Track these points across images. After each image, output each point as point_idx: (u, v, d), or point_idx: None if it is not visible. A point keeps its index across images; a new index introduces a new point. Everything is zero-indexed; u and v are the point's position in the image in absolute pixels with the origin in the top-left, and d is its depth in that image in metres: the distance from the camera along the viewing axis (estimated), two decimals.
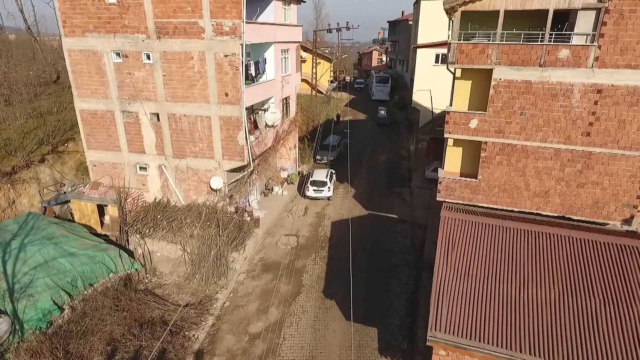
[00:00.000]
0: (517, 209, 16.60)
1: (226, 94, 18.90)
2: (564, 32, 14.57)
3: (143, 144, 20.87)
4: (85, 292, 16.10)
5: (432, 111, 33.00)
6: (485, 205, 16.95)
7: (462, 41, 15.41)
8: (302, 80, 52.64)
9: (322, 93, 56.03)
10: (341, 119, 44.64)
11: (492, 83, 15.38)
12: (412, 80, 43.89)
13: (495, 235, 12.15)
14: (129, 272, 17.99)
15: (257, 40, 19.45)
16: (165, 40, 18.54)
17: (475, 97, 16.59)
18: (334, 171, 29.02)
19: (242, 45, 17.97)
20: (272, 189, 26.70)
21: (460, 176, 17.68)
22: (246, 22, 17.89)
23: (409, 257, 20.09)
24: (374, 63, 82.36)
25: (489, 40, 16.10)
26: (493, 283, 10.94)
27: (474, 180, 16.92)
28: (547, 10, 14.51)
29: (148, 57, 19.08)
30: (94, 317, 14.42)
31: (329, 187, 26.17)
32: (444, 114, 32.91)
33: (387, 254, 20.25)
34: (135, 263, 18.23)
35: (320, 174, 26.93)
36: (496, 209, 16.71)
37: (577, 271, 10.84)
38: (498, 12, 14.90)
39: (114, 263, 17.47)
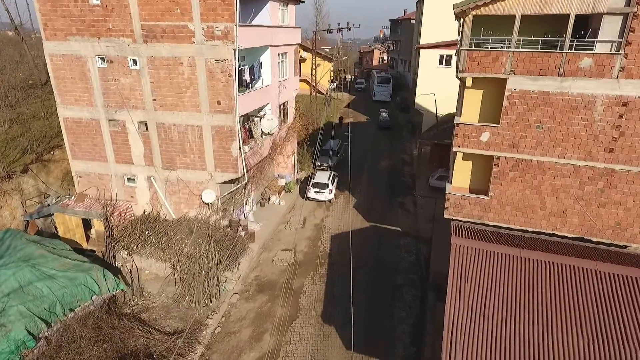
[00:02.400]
0: (531, 229, 15.39)
1: (218, 102, 17.64)
2: (586, 39, 13.28)
3: (131, 155, 19.63)
4: (65, 319, 14.91)
5: (436, 115, 31.71)
6: (497, 224, 15.74)
7: (473, 48, 14.13)
8: (302, 80, 51.48)
9: (322, 93, 54.72)
10: (343, 122, 43.30)
11: (506, 94, 14.13)
12: (414, 81, 42.58)
13: (512, 268, 10.91)
14: (113, 293, 16.78)
15: (251, 44, 18.16)
16: (152, 44, 17.25)
17: (486, 108, 15.33)
18: (336, 174, 27.89)
19: (235, 50, 16.69)
20: (269, 198, 25.47)
21: (470, 192, 16.46)
22: (240, 25, 16.61)
23: (413, 276, 18.87)
24: (375, 62, 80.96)
25: (502, 47, 14.82)
26: (512, 325, 9.72)
27: (484, 197, 15.70)
28: (567, 15, 13.23)
29: (134, 62, 17.80)
30: (70, 350, 13.21)
31: (330, 190, 25.28)
32: (448, 117, 31.83)
33: (390, 273, 19.03)
34: (120, 283, 16.99)
35: (322, 176, 26.07)
36: (509, 229, 15.48)
37: (607, 313, 9.61)
38: (513, 16, 13.63)
39: (97, 284, 16.24)
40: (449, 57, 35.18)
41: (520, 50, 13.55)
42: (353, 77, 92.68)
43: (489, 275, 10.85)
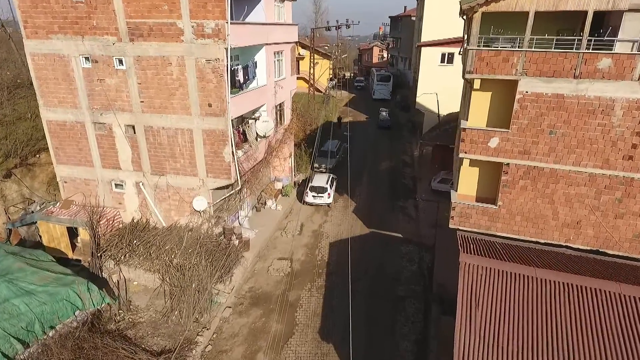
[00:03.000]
0: (542, 240, 14.43)
1: (209, 105, 16.61)
2: (605, 39, 12.27)
3: (118, 159, 18.61)
4: (44, 337, 13.94)
5: (438, 115, 30.68)
6: (505, 235, 14.78)
7: (482, 47, 13.11)
8: (300, 78, 50.36)
9: (321, 92, 53.63)
10: (342, 121, 42.26)
11: (517, 96, 13.12)
12: (415, 79, 41.55)
13: (528, 290, 9.95)
14: (98, 307, 15.82)
15: (244, 42, 17.12)
16: (139, 43, 16.20)
17: (495, 111, 14.33)
18: (335, 176, 26.89)
19: (226, 49, 15.65)
20: (265, 202, 24.49)
21: (477, 200, 15.48)
22: (232, 23, 15.56)
23: (416, 287, 17.93)
24: (375, 60, 79.78)
25: (512, 46, 13.82)
26: (529, 356, 8.78)
27: (492, 206, 14.73)
28: (583, 12, 12.21)
29: (120, 62, 16.76)
30: None
31: (329, 194, 24.30)
32: (450, 117, 30.80)
33: (392, 283, 18.08)
34: (106, 297, 16.01)
35: (320, 179, 25.05)
36: (518, 240, 14.54)
37: (635, 342, 8.66)
38: (525, 13, 12.60)
39: (80, 299, 15.27)
40: (451, 55, 34.13)
41: (533, 50, 12.53)
42: (352, 74, 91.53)
43: (503, 299, 9.89)
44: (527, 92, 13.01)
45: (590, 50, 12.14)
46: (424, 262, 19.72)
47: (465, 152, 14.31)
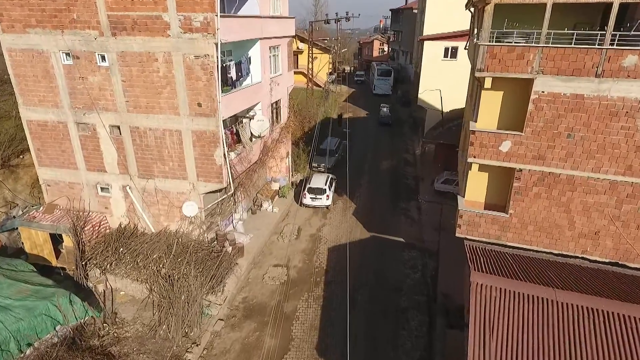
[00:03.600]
0: (556, 251, 13.41)
1: (199, 104, 15.49)
2: (631, 33, 11.13)
3: (103, 162, 17.52)
4: (21, 356, 12.97)
5: (441, 112, 29.51)
6: (516, 245, 13.76)
7: (494, 43, 11.96)
8: (299, 73, 49.05)
9: (320, 87, 52.36)
10: (342, 117, 41.06)
11: (532, 97, 12.02)
12: (416, 74, 40.31)
13: (547, 315, 8.94)
14: (81, 321, 14.84)
15: (236, 37, 15.95)
16: (122, 38, 15.03)
17: (507, 112, 13.23)
18: (334, 177, 25.81)
19: (216, 44, 14.50)
20: (261, 204, 23.44)
21: (485, 208, 14.43)
22: (222, 16, 14.40)
23: (419, 297, 16.93)
24: (376, 53, 78.29)
25: (526, 41, 12.68)
26: None
27: (503, 214, 13.67)
28: (605, 4, 11.07)
29: (103, 58, 15.61)
30: None
31: (327, 196, 23.23)
32: (454, 114, 29.65)
33: (394, 293, 17.09)
34: (89, 310, 15.03)
35: (318, 181, 23.93)
36: (531, 250, 13.53)
37: None
38: (541, 5, 11.45)
39: (61, 313, 14.28)
40: (454, 49, 32.89)
41: (551, 45, 11.40)
42: (352, 68, 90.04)
43: (519, 325, 8.87)
44: (543, 92, 11.90)
45: (615, 47, 11.01)
46: (428, 270, 18.72)
47: (475, 157, 13.23)
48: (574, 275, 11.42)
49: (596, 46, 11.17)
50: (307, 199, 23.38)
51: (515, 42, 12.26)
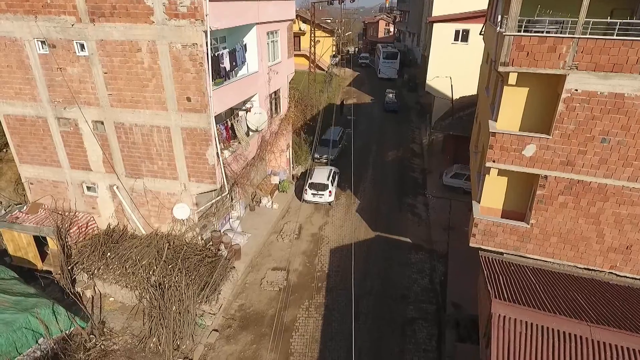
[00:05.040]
0: (581, 266, 12.15)
1: (188, 99, 14.07)
2: None
3: (87, 159, 16.26)
4: None
5: (452, 101, 27.82)
6: (537, 257, 12.50)
7: (522, 33, 10.39)
8: (301, 55, 47.04)
9: (323, 70, 50.40)
10: (345, 104, 39.37)
11: (564, 95, 10.52)
12: (424, 57, 38.29)
13: (582, 357, 7.72)
14: (66, 332, 13.88)
15: (228, 23, 14.37)
16: (101, 25, 13.51)
17: (531, 112, 11.75)
18: (337, 170, 24.48)
19: (205, 32, 12.97)
20: (260, 200, 22.23)
21: (503, 215, 13.12)
22: (211, 0, 12.80)
23: (427, 306, 15.84)
24: (381, 34, 75.48)
25: (557, 31, 11.09)
26: None
27: (523, 224, 12.36)
28: None
29: (82, 47, 14.13)
30: None
31: (330, 191, 21.94)
32: (465, 102, 27.96)
33: (400, 302, 16.00)
34: (73, 321, 14.02)
35: (320, 175, 22.58)
36: (553, 262, 12.31)
37: None
38: None
39: (43, 325, 13.29)
40: (466, 32, 30.86)
41: (588, 37, 9.83)
42: (356, 49, 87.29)
43: None
44: (576, 90, 10.40)
45: None
46: (436, 274, 17.57)
47: (494, 161, 11.83)
48: (605, 298, 10.21)
49: None
50: (309, 195, 22.13)
51: (546, 31, 10.67)
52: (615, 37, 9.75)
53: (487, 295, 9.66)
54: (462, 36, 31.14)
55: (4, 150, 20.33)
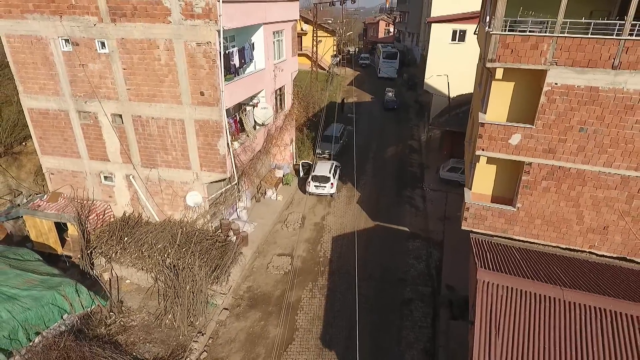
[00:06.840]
0: (563, 246, 13.26)
1: (201, 93, 15.20)
2: None
3: (105, 151, 17.38)
4: (30, 344, 13.15)
5: (448, 99, 28.96)
6: (523, 239, 13.61)
7: (507, 32, 11.51)
8: (303, 55, 48.19)
9: (325, 69, 51.57)
10: (346, 102, 40.50)
11: (545, 89, 11.64)
12: (422, 57, 39.47)
13: (555, 315, 8.84)
14: (88, 310, 14.99)
15: (239, 23, 15.50)
16: (122, 24, 14.64)
17: (517, 104, 12.87)
18: (339, 164, 25.60)
19: (218, 31, 14.10)
20: (265, 192, 23.35)
21: (492, 201, 14.24)
22: (224, 1, 13.94)
23: (423, 288, 16.94)
24: (381, 34, 76.66)
25: (540, 31, 12.21)
26: None
27: (510, 208, 13.48)
28: None
29: (103, 45, 15.26)
30: None
31: (332, 184, 23.07)
32: (461, 100, 29.10)
33: (398, 285, 17.10)
34: (95, 299, 15.15)
35: (323, 168, 23.72)
36: (538, 244, 13.41)
37: None
38: None
39: (68, 302, 14.40)
40: (462, 33, 32.00)
41: (566, 35, 10.95)
42: (357, 49, 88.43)
43: (526, 325, 8.80)
44: (556, 83, 11.51)
45: (634, 37, 10.55)
46: (432, 260, 18.68)
47: (483, 150, 12.95)
48: (582, 272, 11.30)
49: (614, 36, 10.71)
50: (312, 187, 23.24)
51: (529, 31, 11.78)
52: (589, 35, 10.86)
53: (475, 269, 10.75)
54: (459, 36, 32.27)
55: (23, 143, 21.46)
